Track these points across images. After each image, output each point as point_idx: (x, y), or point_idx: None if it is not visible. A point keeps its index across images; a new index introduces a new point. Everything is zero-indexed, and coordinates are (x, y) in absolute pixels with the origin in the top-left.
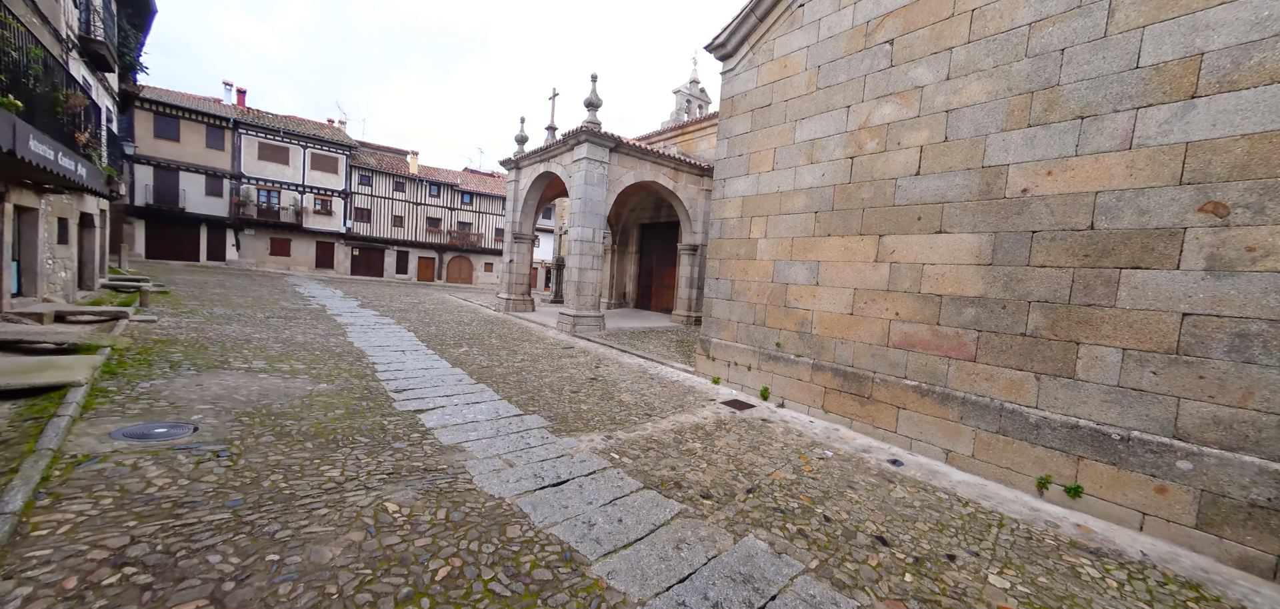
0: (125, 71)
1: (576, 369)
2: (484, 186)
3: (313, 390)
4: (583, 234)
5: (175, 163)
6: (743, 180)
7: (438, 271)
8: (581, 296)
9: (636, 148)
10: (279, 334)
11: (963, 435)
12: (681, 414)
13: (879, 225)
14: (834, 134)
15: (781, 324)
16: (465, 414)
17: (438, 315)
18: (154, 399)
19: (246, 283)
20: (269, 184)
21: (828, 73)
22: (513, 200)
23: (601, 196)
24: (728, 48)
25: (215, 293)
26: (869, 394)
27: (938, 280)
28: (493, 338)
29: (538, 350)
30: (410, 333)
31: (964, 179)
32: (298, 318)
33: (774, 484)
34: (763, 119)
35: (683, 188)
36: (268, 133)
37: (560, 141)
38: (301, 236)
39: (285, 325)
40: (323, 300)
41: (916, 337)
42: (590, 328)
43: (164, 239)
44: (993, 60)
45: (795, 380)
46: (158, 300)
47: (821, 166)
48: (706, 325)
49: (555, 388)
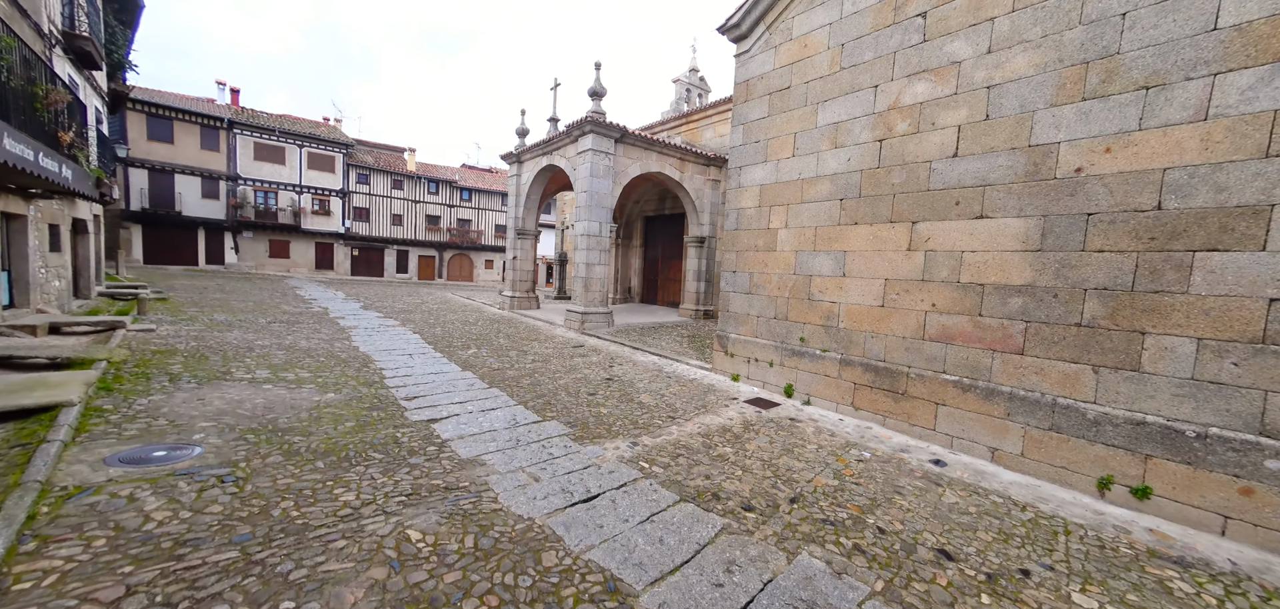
0: (114, 70)
1: (590, 369)
2: (482, 182)
3: (320, 401)
4: (589, 228)
5: (170, 165)
6: (760, 168)
7: (438, 270)
8: (589, 292)
9: (642, 138)
10: (282, 340)
11: (1010, 433)
12: (706, 415)
13: (912, 212)
14: (860, 116)
15: (805, 318)
16: (481, 422)
17: (442, 315)
18: (153, 418)
19: (246, 287)
20: (266, 185)
21: (853, 51)
22: (515, 195)
23: (607, 189)
24: (742, 28)
25: (215, 298)
26: (903, 390)
27: (979, 269)
28: (500, 338)
29: (548, 350)
30: (416, 335)
31: (1008, 159)
32: (300, 322)
33: (817, 492)
34: (781, 103)
35: (689, 178)
36: (263, 132)
37: (564, 133)
38: (300, 238)
39: (288, 331)
40: (325, 303)
41: (956, 329)
42: (599, 324)
43: (161, 244)
44: (1041, 30)
45: (822, 377)
46: (156, 308)
47: (847, 151)
48: (723, 320)
49: (571, 390)
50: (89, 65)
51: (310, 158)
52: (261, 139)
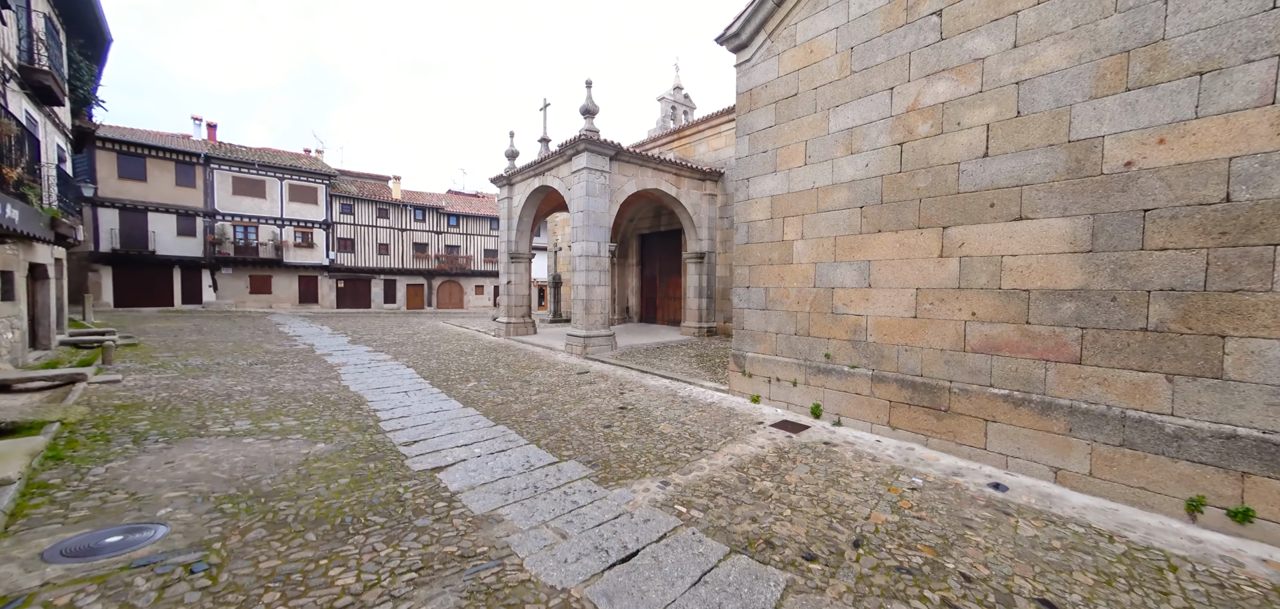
0: (79, 106)
1: (600, 398)
2: (470, 207)
3: (309, 454)
4: (587, 248)
5: (143, 204)
6: (770, 178)
7: (427, 298)
8: (590, 315)
9: (637, 154)
10: (264, 384)
11: (1074, 450)
12: (734, 444)
13: (941, 216)
14: (876, 120)
15: (829, 333)
16: (492, 468)
17: (435, 346)
18: (109, 490)
19: (226, 326)
20: (245, 220)
21: (863, 54)
22: (507, 219)
23: (604, 207)
24: (742, 38)
25: (191, 340)
26: (946, 407)
27: (1023, 273)
28: (500, 368)
29: (552, 378)
30: (410, 369)
31: (1046, 157)
32: (284, 362)
33: (879, 531)
34: (789, 110)
35: (685, 194)
36: (242, 166)
37: (556, 153)
38: (283, 272)
39: (271, 372)
40: (310, 339)
41: (1001, 338)
42: (602, 348)
43: (133, 285)
44: (1072, 21)
45: (852, 395)
46: (124, 355)
47: (864, 156)
48: (739, 339)
49: (584, 423)
50: (50, 101)
51: (292, 190)
52: (240, 173)
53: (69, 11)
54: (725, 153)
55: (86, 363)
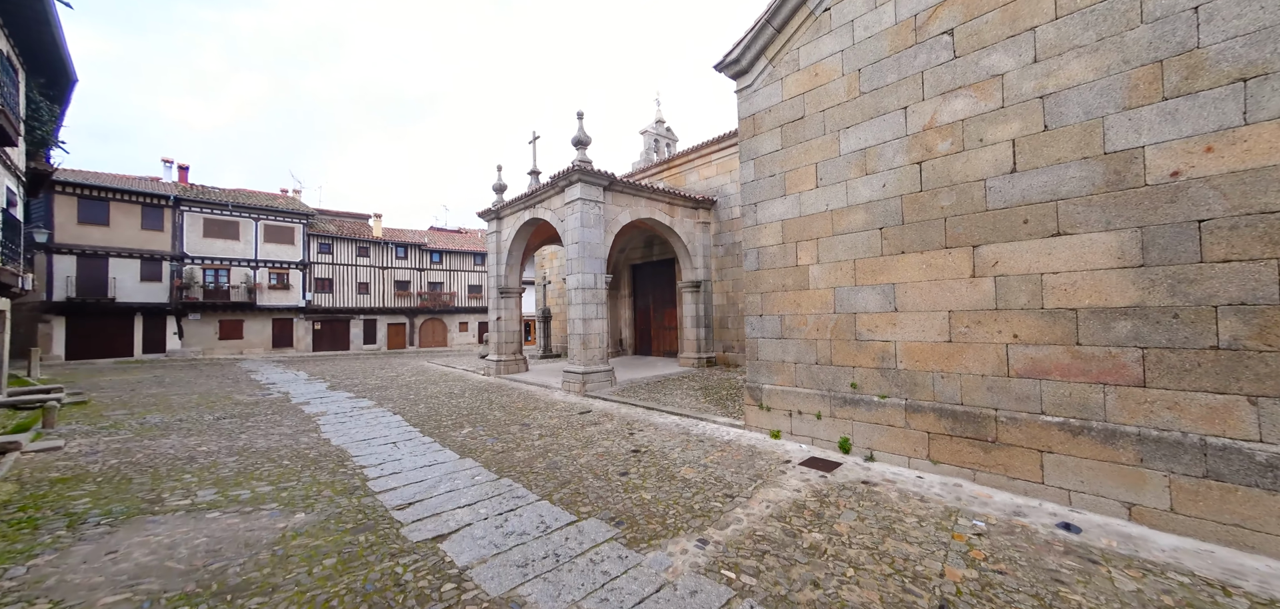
0: (37, 148)
1: (609, 441)
2: (453, 243)
3: (286, 528)
4: (583, 280)
5: (104, 249)
6: (780, 202)
7: (410, 337)
8: (588, 350)
9: (630, 184)
10: (233, 441)
11: (1149, 483)
12: (766, 488)
13: (970, 235)
14: (891, 140)
15: (855, 361)
16: (503, 532)
17: (422, 388)
18: (27, 599)
19: (191, 376)
20: (216, 262)
21: (872, 75)
22: (495, 253)
23: (599, 238)
24: (742, 64)
25: (150, 394)
26: (993, 437)
27: (1067, 292)
28: (495, 410)
29: (553, 420)
30: (397, 416)
31: (1081, 170)
32: (256, 414)
33: (962, 593)
34: (796, 133)
35: (679, 223)
36: (214, 207)
37: (548, 184)
38: (256, 316)
39: (241, 427)
40: (285, 386)
41: (1049, 361)
42: (602, 384)
43: (89, 336)
44: (1095, 34)
45: (885, 427)
46: (71, 415)
47: (880, 177)
48: (753, 370)
49: (597, 471)
50: (2, 141)
51: (267, 230)
52: (212, 214)
53: (29, 49)
54: (717, 181)
55: (23, 427)
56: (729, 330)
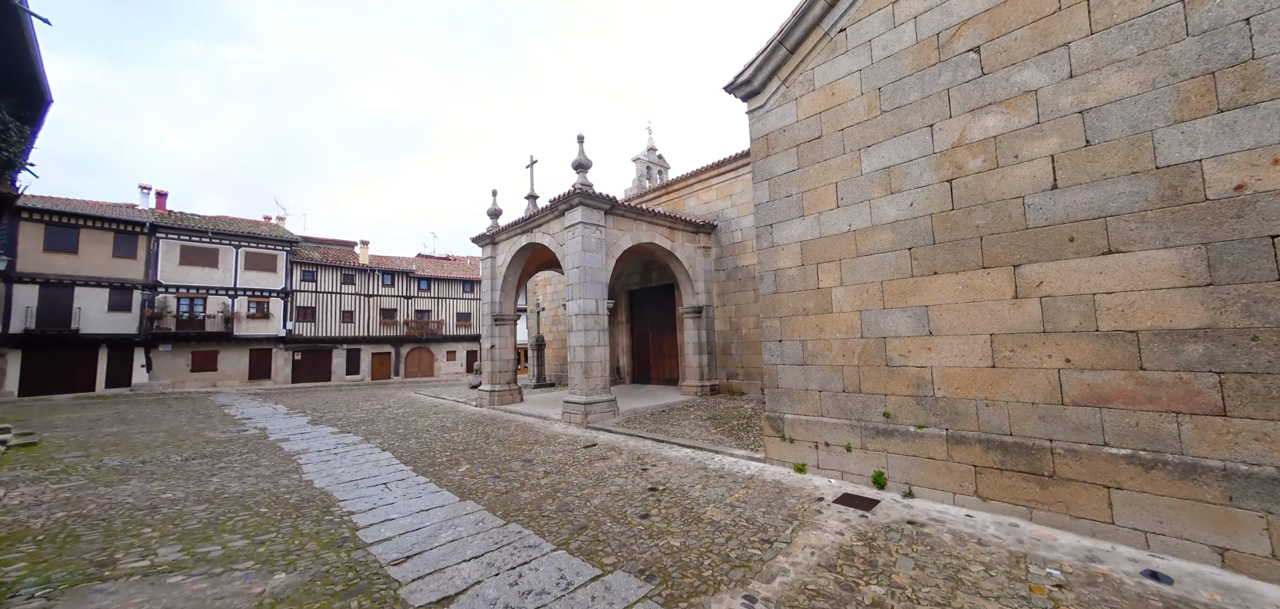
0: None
1: (622, 478)
2: (442, 270)
3: (264, 594)
4: (585, 306)
5: (70, 278)
6: (798, 223)
7: (395, 367)
8: (590, 379)
9: (632, 208)
10: (203, 486)
11: (1244, 525)
12: (805, 531)
13: (1010, 254)
14: (917, 158)
15: (886, 388)
16: (519, 589)
17: (411, 421)
18: None
19: (157, 412)
20: (192, 291)
21: (894, 94)
22: (490, 279)
23: (601, 262)
24: (753, 85)
25: (110, 433)
26: (1050, 471)
27: (1125, 313)
28: (492, 444)
29: (557, 455)
30: (386, 453)
31: (1132, 186)
32: (230, 454)
33: None
34: (813, 153)
35: (680, 247)
36: (192, 234)
37: (548, 208)
38: (231, 346)
39: (212, 469)
40: (262, 422)
41: (1109, 388)
42: (604, 414)
43: (48, 370)
44: (1135, 48)
45: (924, 460)
46: (16, 458)
47: (907, 196)
48: (773, 399)
49: (616, 513)
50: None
51: (248, 258)
52: (190, 241)
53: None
54: (717, 205)
55: None
56: (733, 357)
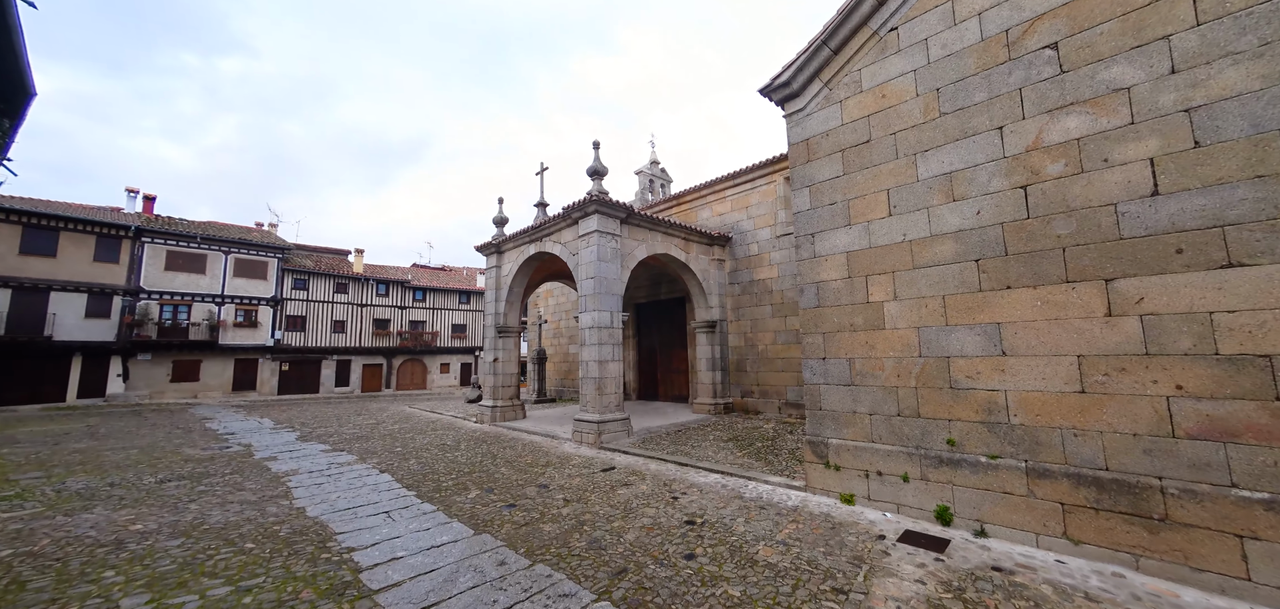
0: None
1: (652, 508)
2: (438, 280)
3: None
4: (599, 319)
5: (46, 282)
6: (844, 232)
7: (386, 379)
8: (604, 396)
9: (647, 218)
10: (179, 515)
11: None
12: (879, 578)
13: (1100, 267)
14: (984, 163)
15: (950, 413)
16: None
17: (410, 439)
18: None
19: (132, 426)
20: (177, 298)
21: (955, 95)
22: (494, 290)
23: (616, 274)
24: (792, 87)
25: (77, 450)
26: (1161, 513)
27: (1253, 335)
28: (501, 466)
29: (575, 479)
30: (385, 475)
31: (1255, 192)
32: (211, 475)
33: None
34: (861, 158)
35: (694, 259)
36: (181, 240)
37: (560, 216)
38: (215, 355)
39: (190, 494)
40: (247, 437)
41: (1236, 420)
42: (618, 434)
43: (13, 380)
44: (1256, 39)
45: (999, 494)
46: None
47: (973, 203)
48: (815, 422)
49: (656, 552)
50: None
51: (237, 264)
52: (177, 246)
53: None
54: (732, 217)
55: None
56: (748, 374)
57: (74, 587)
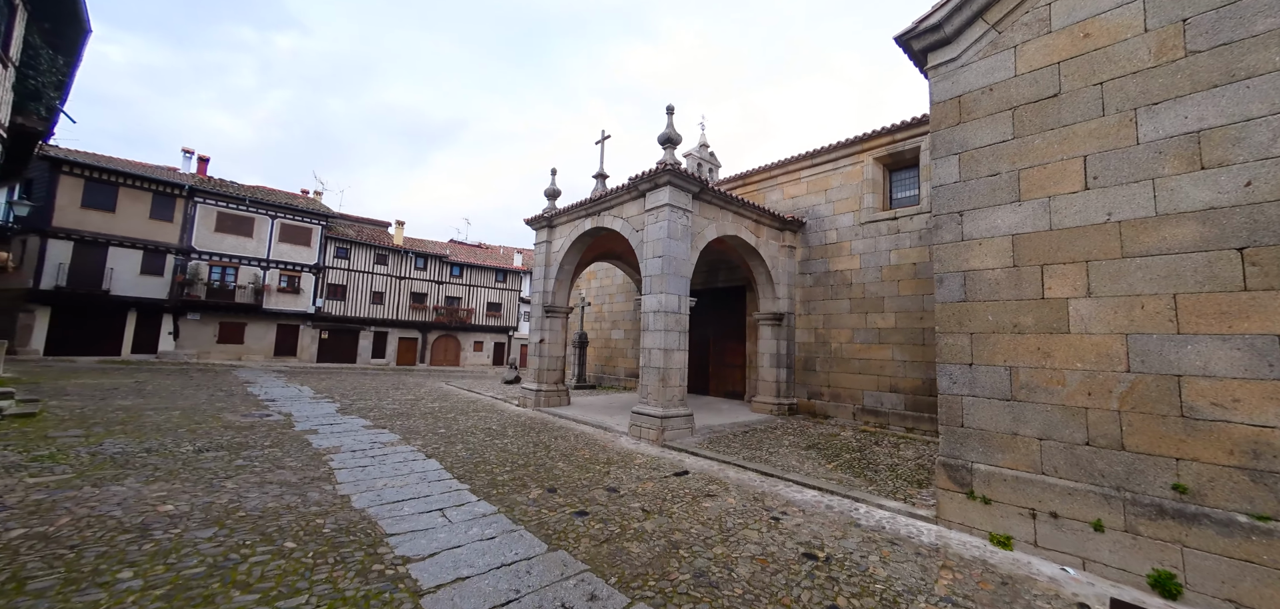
0: (27, 101)
1: (754, 531)
2: (475, 257)
3: None
4: (666, 302)
5: (104, 236)
6: (1008, 211)
7: (421, 354)
8: (667, 388)
9: (720, 194)
10: (214, 494)
11: None
12: None
13: None
14: (1262, 116)
15: (1180, 450)
16: None
17: (453, 420)
18: None
19: (178, 385)
20: (226, 259)
21: (1215, 26)
22: (543, 266)
23: (685, 253)
24: (944, 32)
25: (119, 408)
26: None
27: None
28: (557, 459)
29: (645, 482)
30: (432, 461)
31: None
32: (250, 446)
33: None
34: (1042, 117)
35: (764, 244)
36: (230, 201)
37: (625, 187)
38: (259, 319)
39: (227, 466)
40: (287, 405)
41: None
42: (681, 431)
43: (75, 330)
44: None
45: (1273, 571)
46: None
47: (1235, 172)
48: (954, 440)
49: (784, 597)
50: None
51: (283, 229)
52: (227, 208)
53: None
54: (806, 201)
55: None
56: (817, 374)
57: (82, 591)
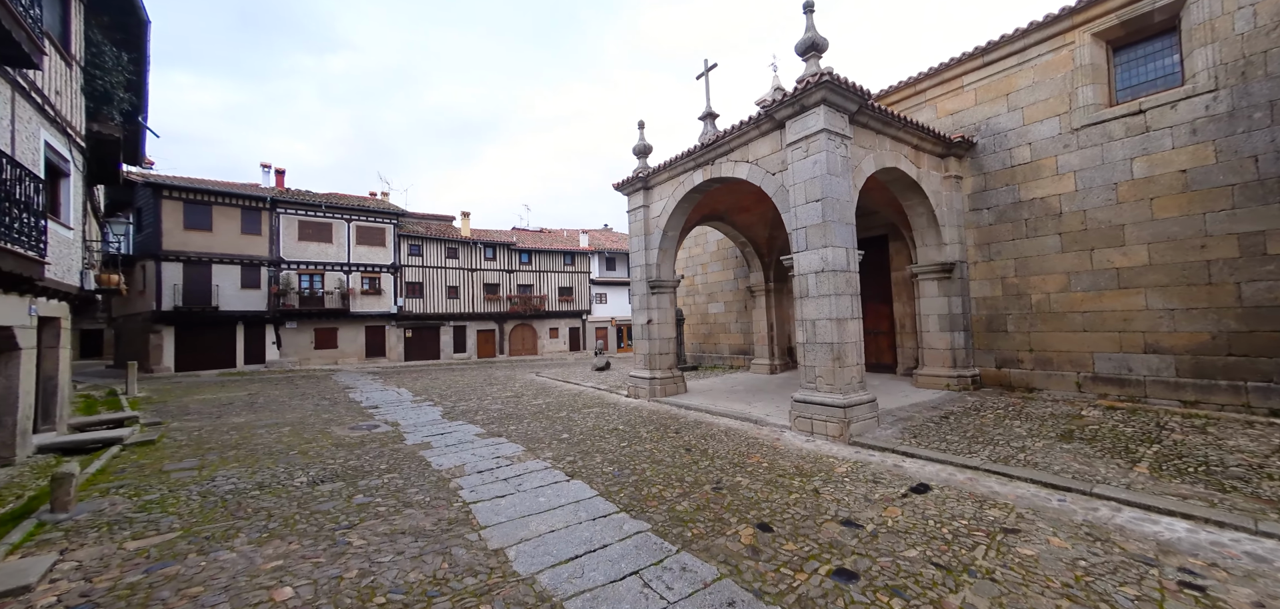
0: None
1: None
2: (541, 242)
3: None
4: (831, 258)
5: (207, 255)
6: None
7: (499, 345)
8: (845, 368)
9: (879, 112)
10: (340, 562)
11: None
12: None
13: None
14: None
15: None
16: None
17: (565, 418)
18: None
19: (285, 394)
20: (311, 267)
21: None
22: (642, 236)
23: (847, 191)
24: None
25: (235, 424)
26: None
27: None
28: (727, 469)
29: (882, 506)
30: (576, 481)
31: None
32: (367, 474)
33: None
34: None
35: (926, 175)
36: (308, 209)
37: (751, 122)
38: (349, 323)
39: (347, 510)
40: (390, 412)
41: None
42: (868, 422)
43: (195, 346)
44: None
45: None
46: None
47: None
48: None
49: None
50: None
51: (359, 232)
52: (306, 216)
53: None
54: (973, 115)
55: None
56: (1011, 335)
57: None
